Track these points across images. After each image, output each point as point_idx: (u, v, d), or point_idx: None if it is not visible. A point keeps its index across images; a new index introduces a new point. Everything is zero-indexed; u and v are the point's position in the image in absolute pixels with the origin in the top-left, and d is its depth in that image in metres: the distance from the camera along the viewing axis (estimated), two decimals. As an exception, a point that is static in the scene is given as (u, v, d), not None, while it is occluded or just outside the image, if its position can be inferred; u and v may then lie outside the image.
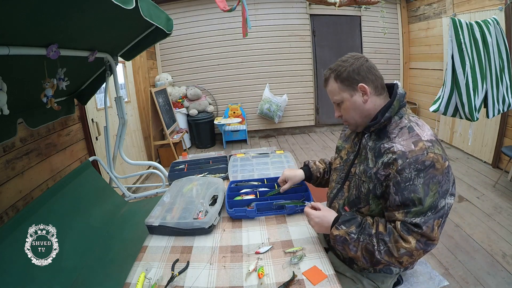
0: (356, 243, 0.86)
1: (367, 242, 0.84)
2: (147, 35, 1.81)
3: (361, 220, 0.89)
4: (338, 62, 0.95)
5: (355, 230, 0.87)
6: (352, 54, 0.96)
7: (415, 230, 0.78)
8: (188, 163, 1.82)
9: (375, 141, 0.93)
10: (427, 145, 0.80)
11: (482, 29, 2.22)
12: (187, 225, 1.09)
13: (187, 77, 4.96)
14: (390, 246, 0.81)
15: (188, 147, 4.85)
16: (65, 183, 1.52)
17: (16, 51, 1.02)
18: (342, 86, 0.93)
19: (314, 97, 5.21)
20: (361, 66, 0.91)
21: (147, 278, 0.89)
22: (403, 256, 0.80)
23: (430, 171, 0.78)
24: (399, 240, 0.80)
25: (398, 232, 0.80)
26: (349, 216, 0.91)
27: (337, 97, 0.95)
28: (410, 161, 0.79)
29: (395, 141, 0.85)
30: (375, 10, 4.54)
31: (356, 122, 0.96)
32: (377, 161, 0.88)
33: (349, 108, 0.94)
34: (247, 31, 2.83)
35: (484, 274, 1.75)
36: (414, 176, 0.79)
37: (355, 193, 0.97)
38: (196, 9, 4.73)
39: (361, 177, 0.94)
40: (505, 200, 2.56)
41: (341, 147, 1.12)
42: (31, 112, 1.59)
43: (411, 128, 0.86)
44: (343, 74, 0.92)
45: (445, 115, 2.42)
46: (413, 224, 0.79)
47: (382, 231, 0.84)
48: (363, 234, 0.85)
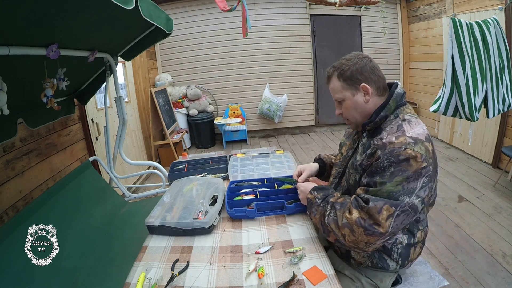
0: (317, 207, 0.95)
1: (324, 209, 0.92)
2: (147, 35, 1.81)
3: (331, 192, 0.98)
4: (342, 61, 0.96)
5: (320, 197, 0.97)
6: (356, 54, 0.96)
7: (362, 205, 0.82)
8: (188, 163, 1.82)
9: (369, 138, 0.95)
10: (408, 141, 0.81)
11: (482, 29, 2.22)
12: (187, 225, 1.09)
13: (187, 77, 4.96)
14: (338, 214, 0.88)
15: (188, 147, 4.85)
16: (65, 183, 1.52)
17: (16, 51, 1.02)
18: (345, 85, 0.94)
19: (314, 97, 5.21)
20: (364, 66, 0.92)
21: (147, 278, 0.89)
22: (344, 228, 0.85)
23: (403, 165, 0.79)
24: (345, 211, 0.86)
25: (348, 204, 0.87)
26: (324, 187, 1.02)
27: (339, 95, 0.96)
28: (386, 151, 0.82)
29: (383, 136, 0.88)
30: (375, 10, 4.54)
31: (356, 121, 0.98)
32: (364, 154, 0.92)
33: (350, 107, 0.96)
34: (247, 31, 2.83)
35: (484, 274, 1.75)
36: (386, 166, 0.81)
37: (345, 185, 1.02)
38: (196, 9, 4.73)
39: (349, 169, 0.99)
40: (505, 200, 2.56)
41: (343, 144, 1.16)
42: (31, 112, 1.59)
43: (400, 126, 0.88)
44: (346, 73, 0.93)
45: (445, 115, 2.42)
46: (363, 199, 0.83)
47: (338, 200, 0.92)
48: (324, 201, 0.95)
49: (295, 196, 1.27)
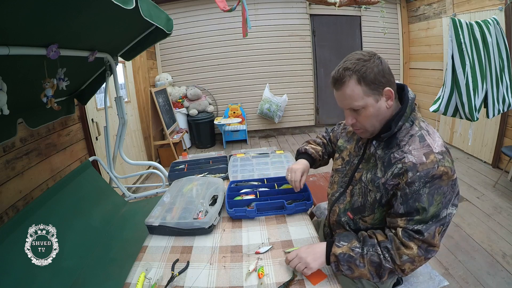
0: (362, 257, 0.80)
1: (371, 254, 0.80)
2: (147, 35, 1.81)
3: (356, 234, 0.87)
4: (357, 61, 0.81)
5: (358, 244, 0.82)
6: (368, 52, 0.84)
7: (416, 237, 0.77)
8: (188, 163, 1.82)
9: (384, 149, 0.88)
10: (438, 158, 0.78)
11: (482, 29, 2.22)
12: (187, 225, 1.09)
13: (187, 77, 4.96)
14: (392, 253, 0.79)
15: (188, 147, 4.85)
16: (65, 183, 1.52)
17: (16, 51, 1.02)
18: (368, 90, 0.81)
19: (314, 97, 5.21)
20: (385, 67, 0.82)
21: (147, 278, 0.89)
22: (405, 263, 0.78)
23: (436, 182, 0.77)
24: (401, 247, 0.78)
25: (400, 239, 0.79)
26: (344, 233, 0.88)
27: (359, 102, 0.82)
28: (421, 174, 0.77)
29: (405, 150, 0.82)
30: (375, 10, 4.53)
31: (374, 130, 0.88)
32: (387, 171, 0.84)
33: (371, 115, 0.84)
34: (247, 31, 2.83)
35: (484, 274, 1.75)
36: (420, 188, 0.77)
37: (360, 200, 0.93)
38: (196, 9, 4.73)
39: (368, 186, 0.89)
40: (505, 200, 2.56)
41: (342, 147, 1.08)
42: (31, 112, 1.59)
43: (422, 137, 0.82)
44: (369, 76, 0.80)
45: (445, 115, 2.42)
46: (415, 230, 0.78)
47: (383, 239, 0.82)
48: (366, 246, 0.81)
49: (295, 196, 1.27)
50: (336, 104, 0.90)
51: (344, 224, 1.00)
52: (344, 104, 0.86)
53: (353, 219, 0.96)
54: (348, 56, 0.86)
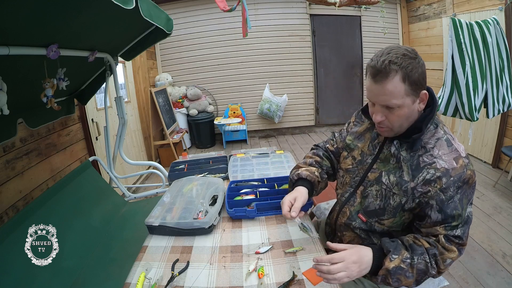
0: (411, 267, 0.77)
1: (418, 262, 0.77)
2: (147, 35, 1.81)
3: (402, 242, 0.82)
4: (402, 56, 0.74)
5: (408, 255, 0.78)
6: (411, 49, 0.78)
7: (456, 241, 0.80)
8: (188, 163, 1.82)
9: (408, 151, 0.84)
10: (466, 162, 0.79)
11: (482, 29, 2.22)
12: (187, 225, 1.09)
13: (187, 77, 4.96)
14: (438, 259, 0.79)
15: (188, 147, 4.85)
16: (65, 183, 1.52)
17: (16, 51, 1.02)
18: (410, 90, 0.76)
19: (314, 97, 5.21)
20: (425, 69, 0.78)
21: (147, 278, 0.89)
22: (447, 266, 0.81)
23: (465, 187, 0.79)
24: (445, 252, 0.79)
25: (442, 245, 0.80)
26: (390, 241, 0.81)
27: (398, 101, 0.77)
28: (454, 179, 0.77)
29: (435, 154, 0.81)
30: (375, 10, 4.54)
31: (400, 130, 0.84)
32: (416, 176, 0.81)
33: (404, 116, 0.80)
34: (247, 31, 2.83)
35: (484, 274, 1.75)
36: (453, 194, 0.78)
37: (378, 203, 0.88)
38: (196, 9, 4.73)
39: (392, 189, 0.85)
40: (505, 200, 2.56)
41: (352, 146, 1.02)
42: (31, 112, 1.59)
43: (449, 142, 0.82)
44: (414, 76, 0.75)
45: (445, 115, 2.42)
46: (455, 236, 0.80)
47: (429, 246, 0.80)
48: (416, 255, 0.78)
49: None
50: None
51: (354, 227, 0.98)
52: (380, 99, 0.79)
53: (367, 221, 0.93)
54: (390, 48, 0.78)
